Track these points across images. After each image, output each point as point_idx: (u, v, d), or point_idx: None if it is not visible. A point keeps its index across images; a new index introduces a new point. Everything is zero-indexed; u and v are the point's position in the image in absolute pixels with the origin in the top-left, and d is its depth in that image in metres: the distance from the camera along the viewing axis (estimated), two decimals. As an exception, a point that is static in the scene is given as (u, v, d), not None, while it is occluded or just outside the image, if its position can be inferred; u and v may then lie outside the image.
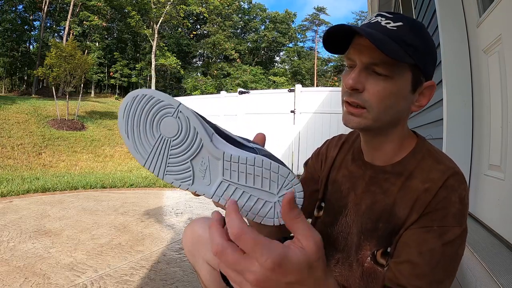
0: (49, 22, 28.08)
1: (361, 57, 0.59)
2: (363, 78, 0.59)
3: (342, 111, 0.65)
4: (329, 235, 0.72)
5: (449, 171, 0.61)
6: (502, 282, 0.93)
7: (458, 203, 0.58)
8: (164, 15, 24.87)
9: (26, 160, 8.02)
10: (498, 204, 1.42)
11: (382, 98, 0.59)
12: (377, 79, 0.59)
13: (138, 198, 3.85)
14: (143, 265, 1.84)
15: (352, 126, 0.62)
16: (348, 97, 0.61)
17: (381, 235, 0.64)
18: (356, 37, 0.60)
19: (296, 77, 33.71)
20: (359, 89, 0.59)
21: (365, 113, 0.60)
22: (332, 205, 0.74)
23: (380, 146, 0.67)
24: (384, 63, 0.57)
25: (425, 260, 0.56)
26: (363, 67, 0.59)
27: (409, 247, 0.58)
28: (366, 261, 0.65)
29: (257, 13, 36.83)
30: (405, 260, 0.58)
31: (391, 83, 0.59)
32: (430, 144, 0.69)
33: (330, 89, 6.55)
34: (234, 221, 0.34)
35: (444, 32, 1.89)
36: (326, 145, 0.83)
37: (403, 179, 0.64)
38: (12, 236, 2.27)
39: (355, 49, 0.60)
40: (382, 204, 0.65)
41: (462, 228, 0.58)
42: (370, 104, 0.60)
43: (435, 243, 0.56)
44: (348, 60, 0.62)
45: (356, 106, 0.61)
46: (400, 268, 0.57)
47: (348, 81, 0.59)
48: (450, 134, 1.86)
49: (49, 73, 11.52)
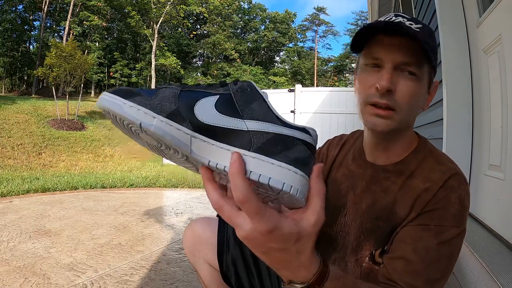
0: (49, 22, 28.10)
1: (392, 56, 0.57)
2: (395, 78, 0.58)
3: (364, 113, 0.62)
4: (328, 235, 0.72)
5: (450, 172, 0.61)
6: (502, 282, 0.93)
7: (457, 204, 0.58)
8: (164, 15, 24.87)
9: (26, 160, 8.02)
10: (498, 204, 1.42)
11: (411, 98, 0.59)
12: (407, 79, 0.58)
13: (138, 198, 3.85)
14: (143, 265, 1.84)
15: (381, 129, 0.60)
16: (380, 99, 0.58)
17: (380, 234, 0.64)
18: (382, 35, 0.58)
19: (296, 77, 33.71)
20: (392, 90, 0.58)
21: (394, 114, 0.59)
22: (331, 205, 0.73)
23: (390, 147, 0.66)
24: (416, 62, 0.57)
25: (420, 257, 0.56)
26: (394, 67, 0.58)
27: (404, 243, 0.58)
28: (365, 261, 0.65)
29: (257, 13, 36.83)
30: (399, 256, 0.58)
31: (418, 84, 0.59)
32: (431, 144, 0.69)
33: (330, 89, 6.56)
34: (240, 185, 0.33)
35: (444, 32, 1.89)
36: (327, 145, 0.83)
37: (404, 178, 0.64)
38: (12, 236, 2.27)
39: (384, 47, 0.58)
40: (382, 203, 0.65)
41: (460, 229, 0.58)
42: (400, 105, 0.59)
43: (431, 242, 0.56)
44: (372, 59, 0.60)
45: (385, 107, 0.59)
46: (394, 264, 0.57)
47: (382, 83, 0.57)
48: (450, 134, 1.86)
49: (49, 73, 11.53)
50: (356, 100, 0.66)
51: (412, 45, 0.57)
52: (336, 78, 36.40)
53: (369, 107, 0.60)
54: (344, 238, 0.69)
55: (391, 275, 0.57)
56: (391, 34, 0.57)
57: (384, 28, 0.57)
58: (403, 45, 0.56)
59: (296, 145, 0.38)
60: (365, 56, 0.61)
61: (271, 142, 0.37)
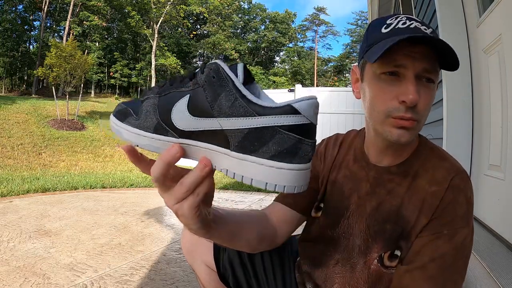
0: (49, 22, 28.08)
1: (415, 64, 0.55)
2: (417, 88, 0.56)
3: (384, 125, 0.59)
4: (330, 237, 0.71)
5: (454, 170, 0.61)
6: (502, 282, 0.93)
7: (465, 204, 0.59)
8: (164, 15, 24.86)
9: (26, 160, 8.01)
10: (498, 204, 1.42)
11: (429, 106, 0.58)
12: (426, 88, 0.57)
13: (138, 198, 3.85)
14: (143, 265, 1.84)
15: (405, 140, 0.58)
16: (405, 112, 0.56)
17: (388, 237, 0.63)
18: (404, 43, 0.54)
19: (296, 77, 33.70)
20: (418, 103, 0.56)
21: (416, 125, 0.58)
22: (333, 207, 0.72)
23: (397, 151, 0.65)
24: (434, 70, 0.57)
25: (437, 264, 0.56)
26: (415, 76, 0.56)
27: (421, 255, 0.58)
28: (373, 263, 0.64)
29: (257, 13, 36.82)
30: (416, 267, 0.58)
31: (434, 91, 0.59)
32: (431, 142, 0.69)
33: (330, 89, 6.56)
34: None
35: (444, 32, 1.89)
36: (325, 144, 0.81)
37: (409, 179, 0.63)
38: (12, 236, 2.27)
39: (405, 55, 0.55)
40: (388, 205, 0.64)
41: (469, 228, 0.59)
42: (422, 115, 0.58)
43: (445, 248, 0.57)
44: (394, 67, 0.56)
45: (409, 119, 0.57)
46: (413, 275, 0.58)
47: (410, 97, 0.54)
48: (450, 134, 1.86)
49: (49, 73, 11.51)
50: (366, 107, 0.63)
51: (430, 52, 0.55)
52: (336, 78, 36.39)
53: (392, 120, 0.58)
54: (347, 239, 0.68)
55: (409, 286, 0.57)
56: (415, 43, 0.54)
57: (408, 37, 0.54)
58: (424, 52, 0.55)
59: (276, 134, 0.33)
60: (381, 64, 0.57)
61: (248, 139, 0.34)
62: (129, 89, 30.24)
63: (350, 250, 0.68)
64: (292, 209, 0.73)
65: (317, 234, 0.74)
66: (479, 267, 1.13)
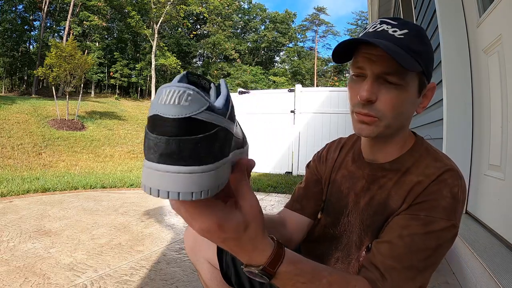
0: (49, 22, 28.08)
1: (373, 67, 0.59)
2: (375, 88, 0.59)
3: (352, 120, 0.65)
4: (332, 236, 0.73)
5: (445, 168, 0.62)
6: (502, 282, 0.93)
7: (449, 198, 0.58)
8: (164, 15, 24.89)
9: (26, 160, 8.01)
10: (498, 204, 1.42)
11: (394, 106, 0.60)
12: (389, 88, 0.59)
13: (138, 198, 3.85)
14: (143, 265, 1.84)
15: (366, 134, 0.63)
16: (361, 109, 0.61)
17: (376, 227, 0.65)
18: (364, 46, 0.59)
19: (296, 77, 33.72)
20: (372, 100, 0.59)
21: (377, 121, 0.61)
22: (333, 206, 0.75)
23: (384, 148, 0.68)
24: (396, 72, 0.58)
25: (404, 243, 0.56)
26: (375, 77, 0.59)
27: (392, 230, 0.59)
28: (362, 255, 0.66)
29: (257, 13, 36.84)
30: (385, 240, 0.59)
31: (402, 91, 0.60)
32: (428, 143, 0.70)
33: (330, 89, 6.54)
34: None
35: (444, 32, 1.89)
36: (327, 148, 0.85)
37: (399, 174, 0.65)
38: (12, 236, 2.27)
39: (365, 58, 0.59)
40: (377, 198, 0.66)
41: (450, 223, 0.57)
42: (383, 113, 0.60)
43: (418, 230, 0.57)
44: (356, 69, 0.61)
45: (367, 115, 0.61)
46: (379, 247, 0.59)
47: (363, 94, 0.59)
48: (450, 134, 1.86)
49: (49, 73, 11.52)
50: None
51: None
52: (336, 78, 36.44)
53: (354, 115, 0.63)
54: (348, 237, 0.70)
55: (375, 258, 0.58)
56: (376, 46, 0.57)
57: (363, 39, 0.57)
58: (383, 55, 0.57)
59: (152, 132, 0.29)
60: (351, 66, 0.63)
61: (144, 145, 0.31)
62: (129, 89, 30.26)
63: (349, 247, 0.70)
64: (301, 214, 0.78)
65: (320, 234, 0.76)
66: (479, 267, 1.13)
